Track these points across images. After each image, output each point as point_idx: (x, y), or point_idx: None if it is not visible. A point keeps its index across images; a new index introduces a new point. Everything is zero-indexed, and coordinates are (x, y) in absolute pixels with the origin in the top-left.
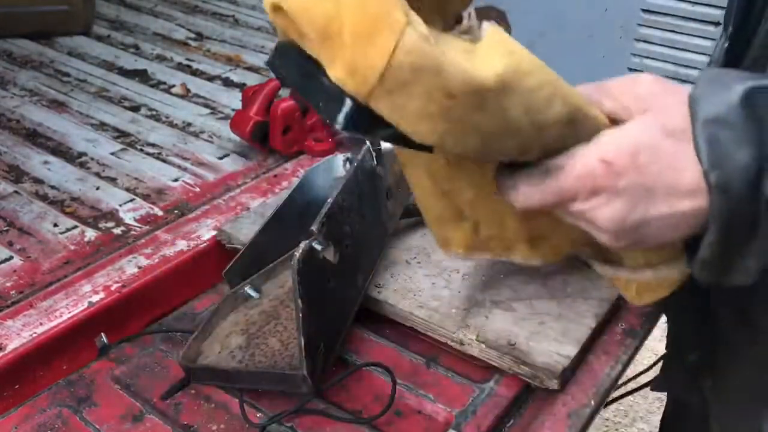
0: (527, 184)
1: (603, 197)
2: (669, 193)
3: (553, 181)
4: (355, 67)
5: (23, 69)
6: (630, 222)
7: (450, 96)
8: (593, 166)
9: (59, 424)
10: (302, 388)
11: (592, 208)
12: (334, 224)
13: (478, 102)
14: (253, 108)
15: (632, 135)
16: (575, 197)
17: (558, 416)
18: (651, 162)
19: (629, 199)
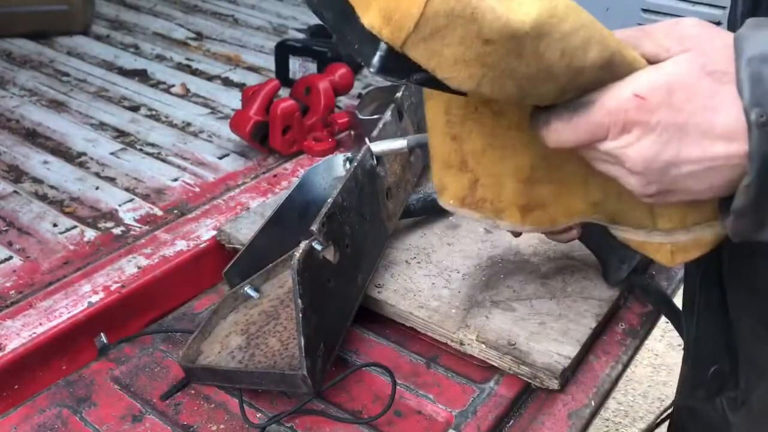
0: (560, 120)
1: (634, 134)
2: (703, 134)
3: (585, 116)
4: (389, 14)
5: (23, 69)
6: (660, 162)
7: (486, 42)
8: (626, 99)
9: (59, 424)
10: (302, 388)
11: (622, 146)
12: (334, 224)
13: (515, 47)
14: (252, 108)
15: (669, 72)
16: (606, 133)
17: (558, 416)
18: (686, 100)
19: (661, 137)
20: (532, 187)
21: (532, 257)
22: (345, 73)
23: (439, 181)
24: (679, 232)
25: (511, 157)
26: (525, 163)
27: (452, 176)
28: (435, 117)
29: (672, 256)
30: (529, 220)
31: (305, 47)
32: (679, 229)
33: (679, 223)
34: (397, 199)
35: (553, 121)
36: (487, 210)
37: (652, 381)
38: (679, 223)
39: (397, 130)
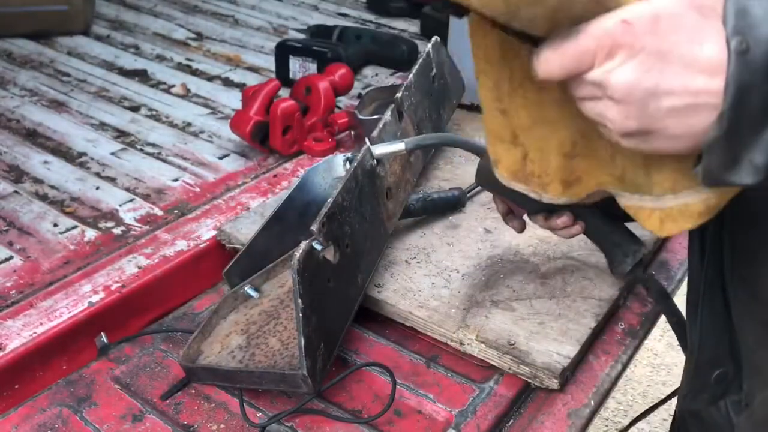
0: (549, 48)
1: (618, 58)
2: (686, 65)
3: (573, 42)
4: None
5: (23, 69)
6: (642, 89)
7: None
8: (612, 25)
9: (59, 424)
10: (302, 387)
11: (606, 71)
12: (334, 224)
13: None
14: (253, 108)
15: (657, 4)
16: (593, 61)
17: (558, 416)
18: (671, 30)
19: (644, 63)
20: (572, 161)
21: (532, 257)
22: (345, 73)
23: (494, 153)
24: (668, 197)
25: (555, 132)
26: (567, 138)
27: (505, 150)
28: (486, 93)
29: (661, 224)
30: (568, 193)
31: (305, 47)
32: (668, 194)
33: (670, 189)
34: (397, 199)
35: (544, 50)
36: (535, 184)
37: (651, 380)
38: (669, 189)
39: (397, 130)
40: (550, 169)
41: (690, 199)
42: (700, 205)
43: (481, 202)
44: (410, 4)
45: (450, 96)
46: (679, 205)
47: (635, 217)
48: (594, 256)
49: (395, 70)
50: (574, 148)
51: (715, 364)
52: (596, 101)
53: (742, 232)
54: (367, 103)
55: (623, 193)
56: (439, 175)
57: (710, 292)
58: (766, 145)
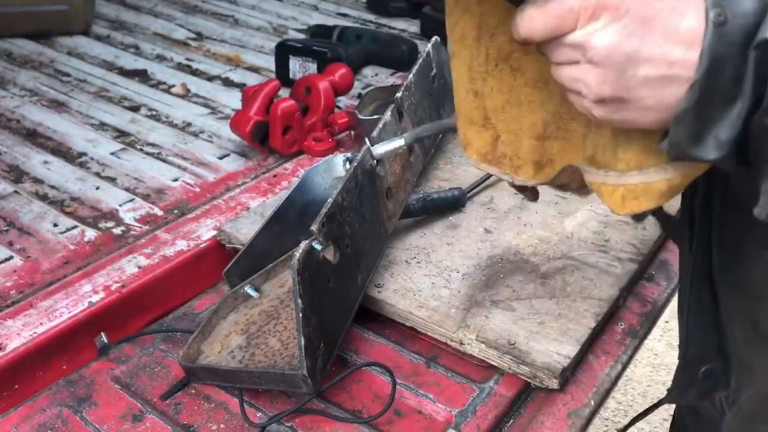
0: (533, 5)
1: (602, 20)
2: (666, 34)
3: (558, 1)
4: None
5: (23, 69)
6: (621, 53)
7: None
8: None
9: (59, 423)
10: (302, 387)
11: (588, 33)
12: (334, 224)
13: None
14: (253, 108)
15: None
16: (576, 21)
17: (558, 416)
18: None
19: (626, 28)
20: (543, 143)
21: (532, 257)
22: (345, 73)
23: (464, 136)
24: (632, 173)
25: (528, 114)
26: (539, 120)
27: (475, 132)
28: (459, 74)
29: (623, 201)
30: (539, 175)
31: (305, 47)
32: (633, 171)
33: (635, 166)
34: (397, 199)
35: (527, 7)
36: (506, 166)
37: (651, 380)
38: (635, 166)
39: (397, 130)
40: (522, 152)
41: (654, 177)
42: (663, 184)
43: (481, 202)
44: (410, 4)
45: (450, 96)
46: (642, 183)
47: (597, 192)
48: (594, 256)
49: (395, 70)
50: (546, 131)
51: (703, 360)
52: (573, 66)
53: (731, 227)
54: (367, 103)
55: (589, 168)
56: (439, 175)
57: (698, 287)
58: (732, 121)
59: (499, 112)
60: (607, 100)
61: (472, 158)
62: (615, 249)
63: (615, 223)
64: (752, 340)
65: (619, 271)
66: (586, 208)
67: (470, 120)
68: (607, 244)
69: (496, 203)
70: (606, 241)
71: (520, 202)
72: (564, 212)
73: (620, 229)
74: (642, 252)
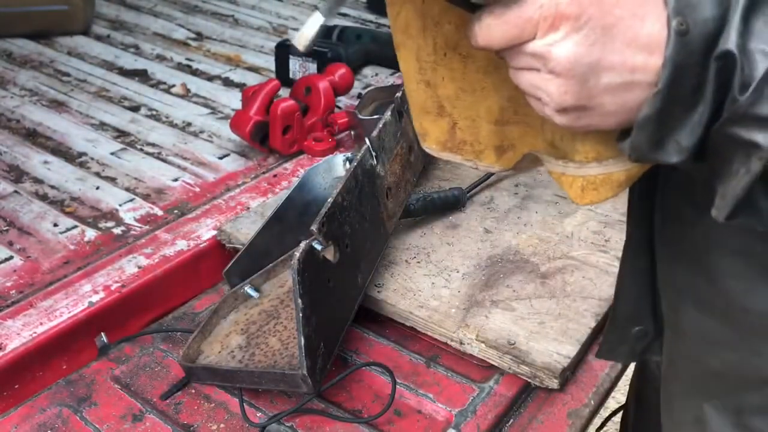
0: (491, 15)
1: (562, 31)
2: (627, 42)
3: (516, 10)
4: None
5: (23, 69)
6: (583, 64)
7: None
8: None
9: (59, 423)
10: (302, 387)
11: (549, 44)
12: (334, 224)
13: None
14: (253, 108)
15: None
16: (535, 31)
17: (558, 416)
18: (616, 5)
19: (588, 37)
20: (502, 128)
21: (532, 257)
22: (345, 73)
23: (420, 127)
24: (591, 165)
25: (482, 99)
26: (494, 105)
27: (431, 121)
28: (407, 65)
29: (582, 192)
30: (502, 160)
31: None
32: (591, 162)
33: (594, 158)
34: (397, 199)
35: (485, 16)
36: (468, 152)
37: None
38: (593, 158)
39: (397, 130)
40: (481, 137)
41: (613, 168)
42: (622, 174)
43: (481, 202)
44: None
45: None
46: (602, 174)
47: (558, 182)
48: (594, 256)
49: (395, 70)
50: (503, 115)
51: (636, 321)
52: (533, 73)
53: (672, 191)
54: (367, 103)
55: (549, 159)
56: (439, 175)
57: (636, 248)
58: (693, 128)
59: (453, 100)
60: (568, 109)
61: (432, 148)
62: (615, 249)
63: (615, 223)
64: (685, 304)
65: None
66: (586, 208)
67: (424, 110)
68: (607, 244)
69: (496, 203)
70: (606, 241)
71: (520, 202)
72: (564, 212)
73: (620, 229)
74: None
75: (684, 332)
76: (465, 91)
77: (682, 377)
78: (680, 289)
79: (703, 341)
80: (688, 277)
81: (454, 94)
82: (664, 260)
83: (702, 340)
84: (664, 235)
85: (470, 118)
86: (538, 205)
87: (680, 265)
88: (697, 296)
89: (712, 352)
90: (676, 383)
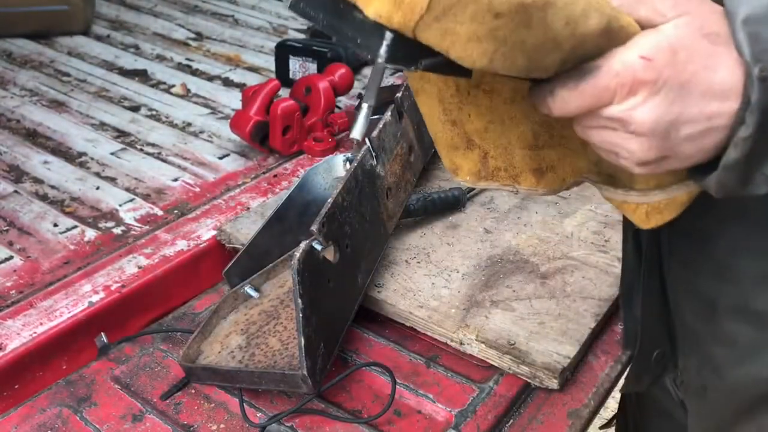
0: (565, 87)
1: (641, 95)
2: (702, 93)
3: (592, 81)
4: None
5: (23, 69)
6: (665, 122)
7: (498, 15)
8: (633, 62)
9: (59, 423)
10: (302, 387)
11: (628, 108)
12: (334, 224)
13: (524, 19)
14: (253, 108)
15: (670, 34)
16: (612, 97)
17: (558, 416)
18: (688, 61)
19: (667, 96)
20: (539, 152)
21: (532, 257)
22: (345, 73)
23: (450, 163)
24: (654, 192)
25: (513, 128)
26: (527, 131)
27: (461, 156)
28: (430, 109)
29: (647, 217)
30: (543, 182)
31: (305, 47)
32: (653, 189)
33: (656, 186)
34: (397, 199)
35: (558, 90)
36: (504, 178)
37: None
38: (655, 186)
39: (397, 130)
40: (515, 161)
41: (676, 193)
42: (685, 196)
43: (481, 202)
44: None
45: None
46: (666, 198)
47: (619, 209)
48: (594, 256)
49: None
50: (537, 140)
51: (655, 345)
52: (610, 131)
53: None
54: None
55: (606, 187)
56: (439, 175)
57: (647, 276)
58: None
59: (482, 133)
60: (650, 162)
61: (466, 180)
62: (615, 249)
63: (615, 223)
64: (707, 318)
65: (619, 271)
66: (586, 209)
67: (453, 147)
68: (607, 244)
69: (496, 203)
70: (606, 241)
71: (520, 202)
72: (564, 212)
73: (620, 229)
74: None
75: (702, 342)
76: (494, 122)
77: (719, 387)
78: (701, 304)
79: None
80: (714, 284)
81: (483, 128)
82: (679, 279)
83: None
84: (675, 252)
85: (502, 147)
86: (538, 206)
87: (702, 277)
88: (726, 303)
89: (751, 359)
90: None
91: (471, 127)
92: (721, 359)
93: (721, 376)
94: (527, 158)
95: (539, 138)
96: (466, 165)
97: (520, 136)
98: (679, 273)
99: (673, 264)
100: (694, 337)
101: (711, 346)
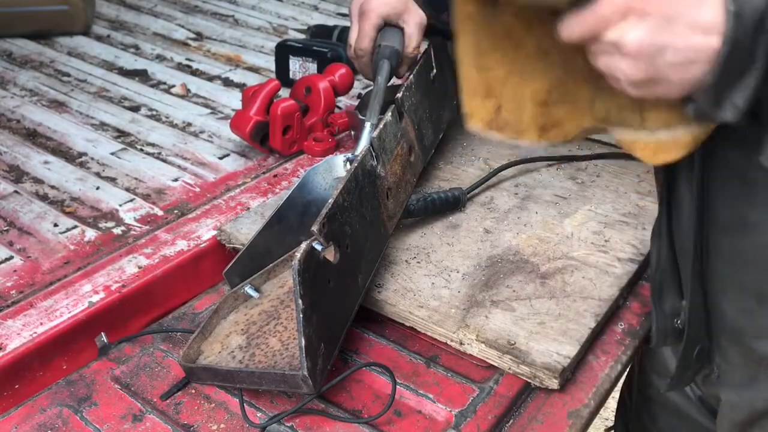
0: (573, 15)
1: (631, 20)
2: (687, 25)
3: (593, 10)
4: None
5: (23, 69)
6: (651, 44)
7: None
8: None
9: (59, 423)
10: (302, 388)
11: (621, 33)
12: (335, 224)
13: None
14: (253, 108)
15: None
16: (609, 23)
17: (558, 416)
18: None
19: (653, 23)
20: (548, 108)
21: (532, 257)
22: (345, 73)
23: (468, 107)
24: (662, 131)
25: (530, 82)
26: (542, 87)
27: (479, 103)
28: (465, 50)
29: (654, 154)
30: (545, 137)
31: (305, 47)
32: (661, 128)
33: (663, 125)
34: (397, 199)
35: (568, 17)
36: (509, 131)
37: None
38: (663, 125)
39: (397, 131)
40: (524, 118)
41: (681, 133)
42: (689, 137)
43: (481, 202)
44: None
45: (450, 96)
46: (672, 138)
47: (629, 148)
48: (594, 256)
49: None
50: (550, 96)
51: (697, 341)
52: (609, 56)
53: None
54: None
55: (616, 129)
56: (439, 175)
57: (692, 275)
58: (746, 90)
59: (501, 83)
60: (640, 83)
61: (477, 126)
62: (615, 249)
63: (615, 223)
64: (752, 310)
65: (619, 271)
66: (586, 208)
67: (474, 92)
68: (607, 244)
69: (496, 203)
70: (606, 241)
71: (520, 202)
72: (564, 212)
73: (620, 229)
74: (642, 252)
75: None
76: (514, 73)
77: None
78: (745, 296)
79: None
80: (762, 277)
81: (504, 77)
82: (721, 274)
83: None
84: (721, 247)
85: (515, 100)
86: (538, 206)
87: (748, 270)
88: None
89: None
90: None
91: (493, 74)
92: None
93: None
94: (536, 114)
95: (552, 95)
96: (480, 112)
97: (534, 90)
98: (721, 268)
99: (714, 259)
100: (735, 332)
101: (754, 339)
